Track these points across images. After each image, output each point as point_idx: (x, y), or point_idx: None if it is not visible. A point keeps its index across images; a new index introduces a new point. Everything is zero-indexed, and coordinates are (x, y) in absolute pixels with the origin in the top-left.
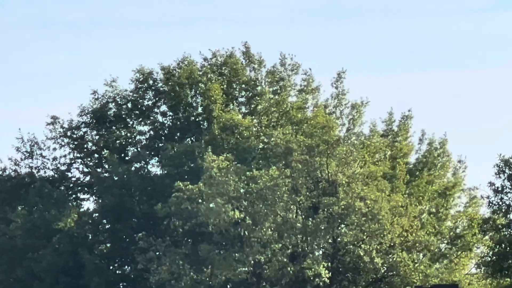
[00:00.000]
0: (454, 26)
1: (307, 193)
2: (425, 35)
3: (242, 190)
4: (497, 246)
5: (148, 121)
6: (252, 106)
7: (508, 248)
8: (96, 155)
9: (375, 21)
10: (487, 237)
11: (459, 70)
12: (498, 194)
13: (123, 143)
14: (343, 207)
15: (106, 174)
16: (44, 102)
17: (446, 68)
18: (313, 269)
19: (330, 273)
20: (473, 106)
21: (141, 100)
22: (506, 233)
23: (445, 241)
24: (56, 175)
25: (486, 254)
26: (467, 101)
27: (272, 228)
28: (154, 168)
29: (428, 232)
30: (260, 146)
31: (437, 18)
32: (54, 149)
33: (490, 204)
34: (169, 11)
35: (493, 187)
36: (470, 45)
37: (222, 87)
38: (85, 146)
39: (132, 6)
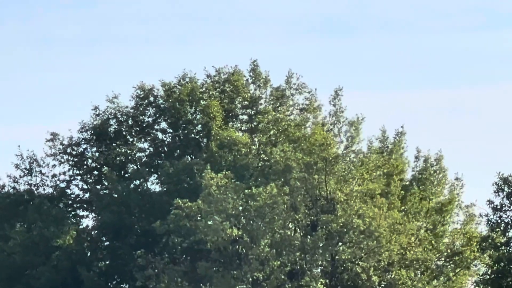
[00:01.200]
0: (449, 44)
1: (306, 211)
2: (421, 53)
3: (240, 208)
4: (496, 264)
5: (148, 138)
6: (254, 124)
7: (507, 266)
8: (95, 172)
9: (371, 39)
10: (486, 255)
11: (455, 88)
12: (497, 212)
13: (123, 160)
14: (341, 224)
15: (106, 191)
16: (44, 119)
17: (442, 86)
18: (311, 287)
19: None
20: (470, 124)
21: (141, 117)
22: (505, 251)
23: (443, 258)
24: (55, 192)
25: (485, 272)
26: (463, 119)
27: (270, 245)
28: (154, 185)
29: (425, 248)
30: (260, 164)
31: (432, 36)
32: (54, 166)
33: (489, 222)
34: (170, 28)
35: (492, 205)
36: (465, 62)
37: (222, 104)
38: (85, 163)
39: (134, 23)
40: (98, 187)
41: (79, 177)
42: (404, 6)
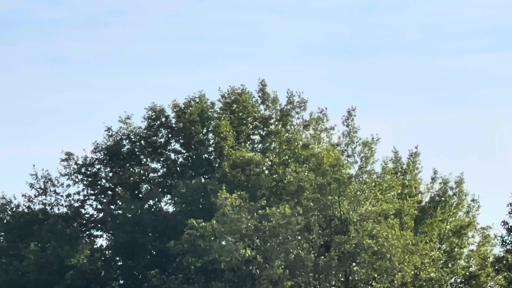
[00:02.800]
0: (462, 65)
1: (320, 231)
2: (434, 74)
3: (254, 228)
4: (510, 286)
5: (161, 158)
6: (266, 144)
7: None
8: (109, 192)
9: (384, 60)
10: (500, 276)
11: (468, 109)
12: (511, 233)
13: (137, 180)
14: (354, 245)
15: (119, 211)
16: (58, 139)
17: (456, 107)
18: None
19: None
20: (485, 145)
21: (154, 138)
22: None
23: (458, 279)
24: (69, 212)
25: None
26: (478, 140)
27: (284, 266)
28: (167, 205)
29: (438, 268)
30: (272, 184)
31: (445, 57)
32: (68, 185)
33: (504, 243)
34: (182, 49)
35: (507, 226)
36: (479, 83)
37: (233, 124)
38: (99, 183)
39: (145, 43)
40: (112, 207)
41: (93, 197)
42: (416, 27)
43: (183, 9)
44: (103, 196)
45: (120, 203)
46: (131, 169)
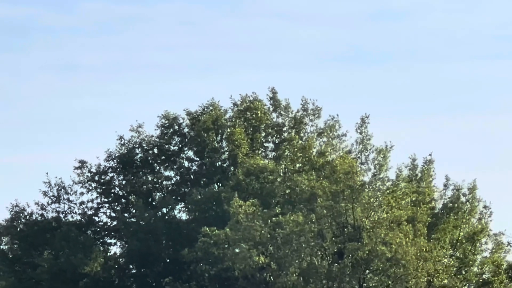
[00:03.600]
0: (476, 71)
1: (333, 238)
2: (448, 79)
3: (268, 235)
4: None
5: (175, 166)
6: (279, 151)
7: None
8: (123, 200)
9: (398, 66)
10: None
11: (481, 115)
12: None
13: (150, 188)
14: (367, 252)
15: (133, 219)
16: (71, 147)
17: (468, 113)
18: None
19: None
20: (497, 151)
21: (167, 146)
22: None
23: (472, 287)
24: (83, 220)
25: None
26: (491, 146)
27: (298, 273)
28: (180, 213)
29: (451, 275)
30: (287, 191)
31: (459, 63)
32: (82, 193)
33: None
34: (194, 56)
35: None
36: (493, 89)
37: (247, 132)
38: (112, 190)
39: (156, 50)
40: (126, 215)
41: (106, 205)
42: (430, 33)
43: (195, 16)
44: (116, 204)
45: (133, 211)
46: (144, 177)
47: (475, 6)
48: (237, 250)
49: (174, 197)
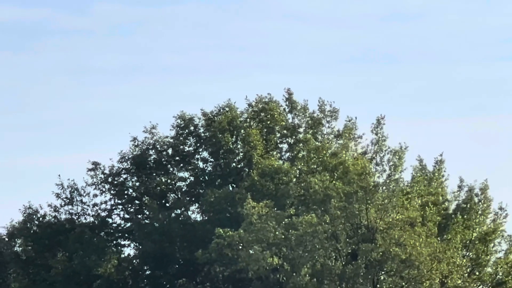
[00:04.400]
0: (491, 72)
1: (347, 239)
2: (462, 81)
3: (281, 236)
4: None
5: (189, 167)
6: (294, 152)
7: None
8: (136, 202)
9: (411, 68)
10: None
11: (494, 116)
12: None
13: (164, 189)
14: (381, 253)
15: (147, 221)
16: (84, 148)
17: (483, 114)
18: None
19: None
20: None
21: (182, 147)
22: None
23: None
24: (96, 222)
25: None
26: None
27: (311, 274)
28: (194, 214)
29: (464, 276)
30: (301, 192)
31: (474, 64)
32: (95, 195)
33: None
34: (208, 57)
35: None
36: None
37: (262, 133)
38: (126, 192)
39: (170, 53)
40: (139, 216)
41: (120, 207)
42: (443, 35)
43: (209, 19)
44: (130, 205)
45: (147, 213)
46: (158, 178)
47: (488, 7)
48: (250, 252)
49: (188, 198)
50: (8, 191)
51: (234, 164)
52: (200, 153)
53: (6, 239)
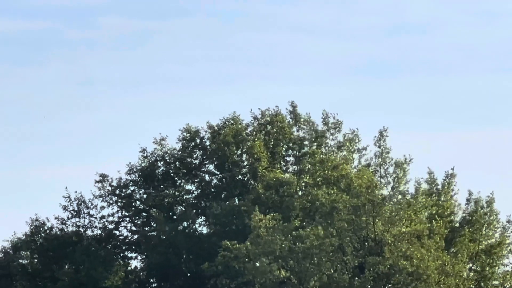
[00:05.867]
0: (494, 84)
1: (354, 252)
2: (467, 93)
3: (288, 249)
4: None
5: (196, 180)
6: (300, 165)
7: None
8: (143, 214)
9: (416, 80)
10: None
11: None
12: None
13: (171, 201)
14: (388, 266)
15: (154, 233)
16: (91, 161)
17: (490, 126)
18: None
19: None
20: None
21: (188, 159)
22: None
23: None
24: (103, 234)
25: None
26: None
27: (318, 287)
28: (201, 227)
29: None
30: (307, 205)
31: (479, 76)
32: (102, 207)
33: None
34: (214, 69)
35: None
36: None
37: (268, 146)
38: (133, 204)
39: (176, 64)
40: (146, 228)
41: (127, 219)
42: (448, 47)
43: (214, 30)
44: (137, 217)
45: (154, 225)
46: (166, 191)
47: (494, 19)
48: (257, 264)
49: (194, 211)
50: (14, 202)
51: (239, 176)
52: (206, 165)
53: (11, 252)
